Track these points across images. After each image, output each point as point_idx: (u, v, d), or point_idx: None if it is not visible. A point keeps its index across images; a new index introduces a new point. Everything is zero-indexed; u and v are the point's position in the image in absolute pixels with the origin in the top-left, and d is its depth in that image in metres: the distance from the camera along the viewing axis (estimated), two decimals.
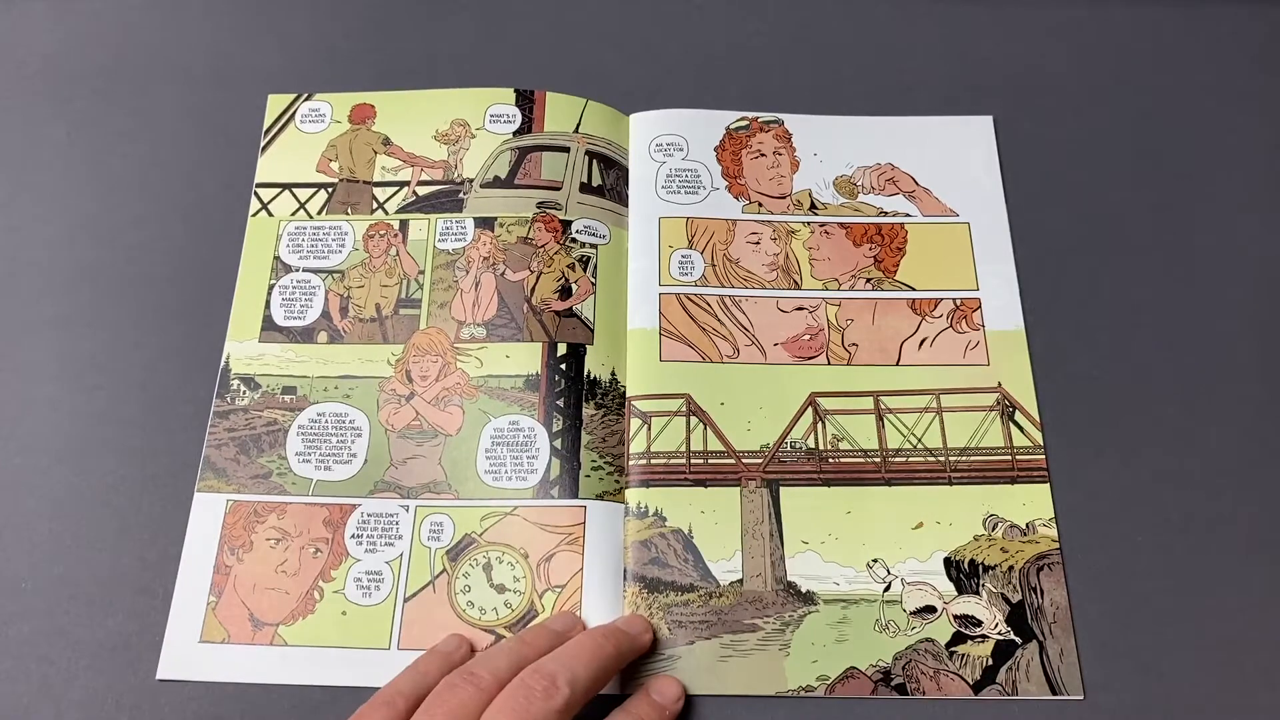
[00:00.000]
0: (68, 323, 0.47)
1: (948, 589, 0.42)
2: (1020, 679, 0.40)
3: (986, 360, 0.46)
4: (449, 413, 0.45)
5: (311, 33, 0.55)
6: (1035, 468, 0.44)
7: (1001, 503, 0.43)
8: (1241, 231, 0.49)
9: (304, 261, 0.49)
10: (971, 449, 0.45)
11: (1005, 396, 0.45)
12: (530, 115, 0.52)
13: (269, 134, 0.52)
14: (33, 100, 0.53)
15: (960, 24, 0.55)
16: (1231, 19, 0.55)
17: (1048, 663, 0.40)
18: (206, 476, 0.44)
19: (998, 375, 0.46)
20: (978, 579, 0.42)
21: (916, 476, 0.44)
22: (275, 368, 0.46)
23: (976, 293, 0.48)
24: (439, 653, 0.39)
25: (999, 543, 0.43)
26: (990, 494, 0.44)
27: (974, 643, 0.41)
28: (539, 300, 0.47)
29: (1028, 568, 0.42)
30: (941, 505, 0.44)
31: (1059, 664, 0.40)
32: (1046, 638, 0.41)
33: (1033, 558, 0.42)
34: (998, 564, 0.42)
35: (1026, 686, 0.40)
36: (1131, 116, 0.52)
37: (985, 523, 0.43)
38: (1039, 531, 0.43)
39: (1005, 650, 0.41)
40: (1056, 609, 0.41)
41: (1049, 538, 0.43)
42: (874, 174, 0.51)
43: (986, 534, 0.43)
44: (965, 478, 0.44)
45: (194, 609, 0.41)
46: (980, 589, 0.42)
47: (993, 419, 0.45)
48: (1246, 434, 0.45)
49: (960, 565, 0.42)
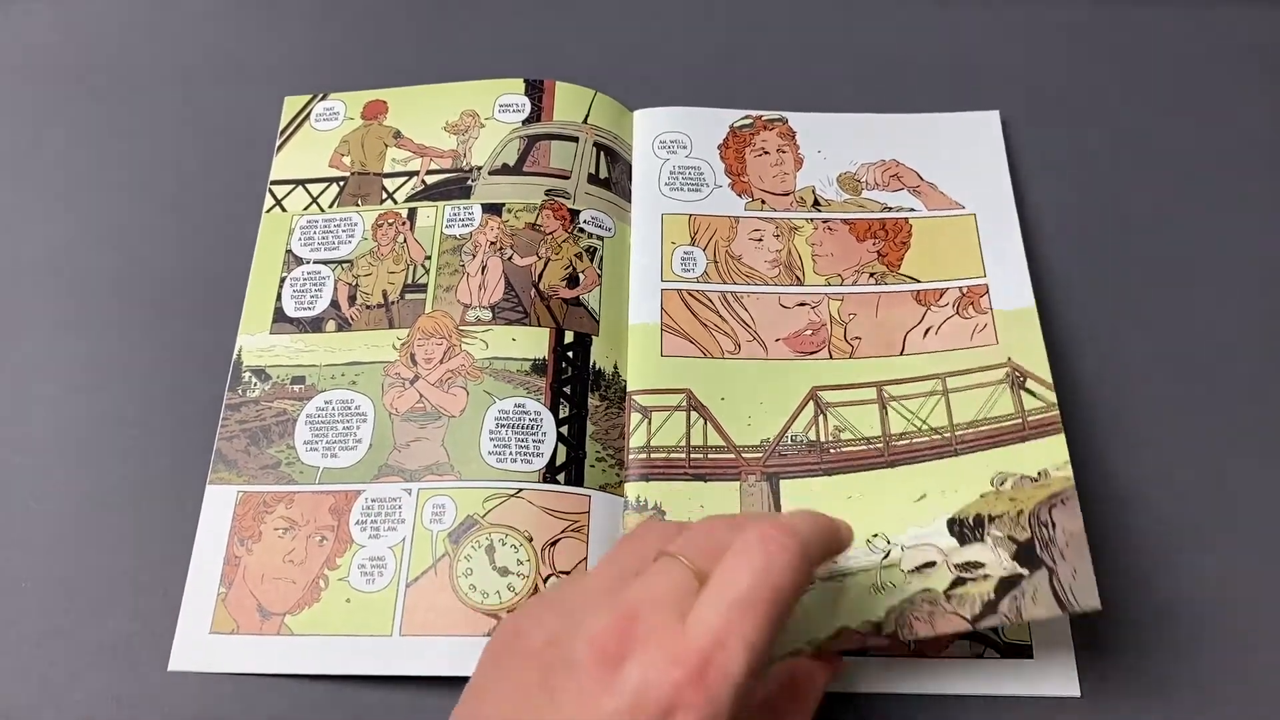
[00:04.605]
0: (78, 322, 0.48)
1: (950, 544, 0.39)
2: (1026, 605, 0.37)
3: (995, 340, 0.45)
4: (452, 394, 0.45)
5: (325, 33, 0.57)
6: (1048, 424, 0.42)
7: (1012, 461, 0.41)
8: (1249, 222, 0.50)
9: (315, 253, 0.49)
10: (979, 420, 0.43)
11: (1016, 369, 0.44)
12: (539, 105, 0.52)
13: (284, 134, 0.53)
14: (49, 98, 0.55)
15: (965, 21, 0.56)
16: (1239, 10, 0.56)
17: (1058, 584, 0.37)
18: (218, 469, 0.44)
19: (1007, 352, 0.45)
20: (982, 529, 0.39)
21: (921, 454, 0.43)
22: (285, 358, 0.47)
23: (983, 279, 0.48)
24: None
25: (1007, 494, 0.40)
26: (1000, 456, 0.42)
27: (975, 583, 0.38)
28: (547, 286, 0.48)
29: (1039, 508, 0.39)
30: (947, 475, 0.42)
31: (1071, 583, 0.37)
32: (1058, 562, 0.38)
33: (1045, 498, 0.39)
34: (1005, 512, 0.39)
35: (1033, 610, 0.37)
36: (1141, 108, 0.53)
37: (994, 480, 0.41)
38: (1052, 476, 0.40)
39: (1010, 584, 0.38)
40: (1070, 535, 0.38)
41: (1062, 478, 0.40)
42: (878, 170, 0.51)
43: (994, 490, 0.41)
44: (972, 447, 0.42)
45: (205, 600, 0.41)
46: (985, 537, 0.39)
47: (1001, 390, 0.44)
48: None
49: (964, 522, 0.40)
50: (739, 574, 0.30)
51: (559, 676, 0.29)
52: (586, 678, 0.29)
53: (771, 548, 0.31)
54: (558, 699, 0.29)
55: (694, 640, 0.29)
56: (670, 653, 0.29)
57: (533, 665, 0.30)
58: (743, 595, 0.30)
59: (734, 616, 0.29)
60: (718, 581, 0.30)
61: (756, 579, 0.30)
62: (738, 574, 0.30)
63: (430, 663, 0.40)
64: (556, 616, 0.32)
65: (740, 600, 0.29)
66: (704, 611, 0.29)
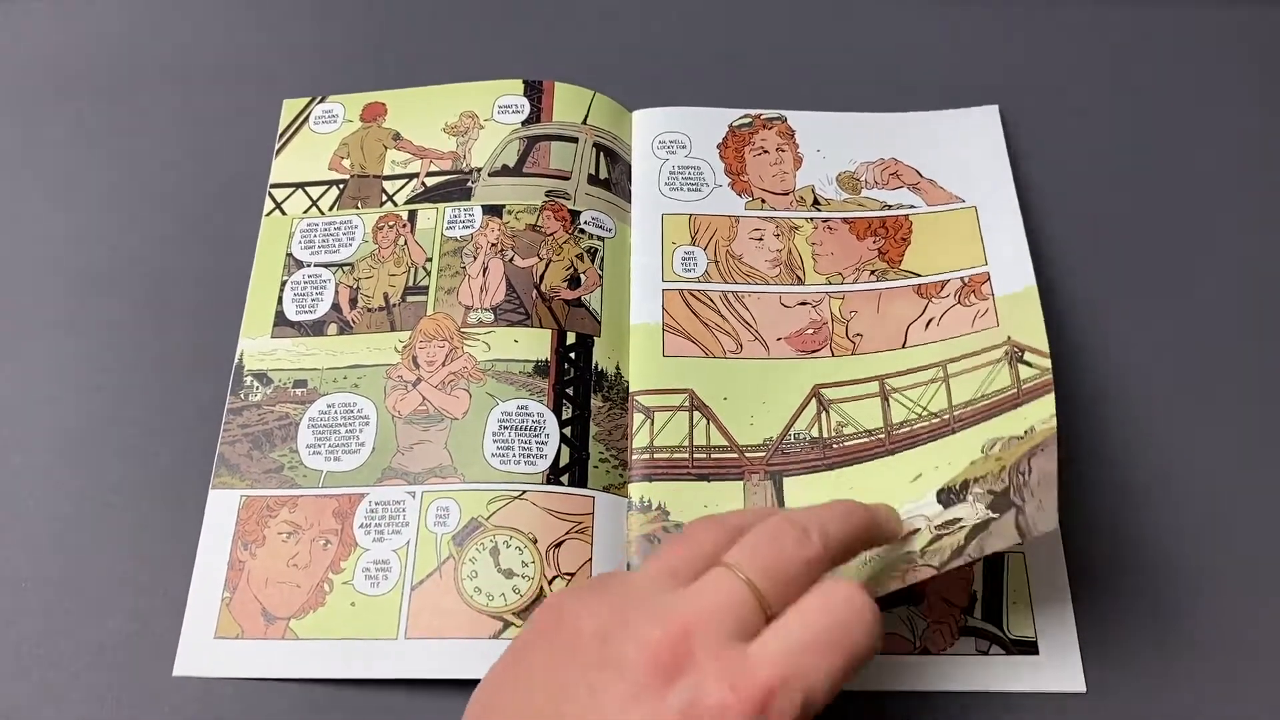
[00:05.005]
0: (78, 325, 0.48)
1: (936, 510, 0.39)
2: (989, 542, 0.36)
3: (996, 323, 0.45)
4: (455, 396, 0.45)
5: (323, 35, 0.57)
6: (1041, 387, 0.41)
7: (1003, 428, 0.41)
8: (1247, 216, 0.50)
9: (315, 256, 0.49)
10: (977, 399, 0.43)
11: (1014, 345, 0.44)
12: (539, 106, 0.52)
13: (283, 137, 0.53)
14: (49, 99, 0.55)
15: (963, 20, 0.56)
16: (1238, 6, 0.56)
17: (1021, 519, 0.36)
18: (221, 473, 0.44)
19: (1007, 332, 0.44)
20: (967, 490, 0.39)
21: (920, 438, 0.43)
22: (287, 362, 0.47)
23: (984, 267, 0.48)
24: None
25: (994, 455, 0.40)
26: (992, 426, 0.42)
27: (949, 535, 0.38)
28: (548, 287, 0.48)
29: (1020, 461, 0.38)
30: (942, 453, 0.42)
31: (1034, 515, 0.36)
32: (1026, 500, 0.37)
33: (1027, 450, 0.38)
34: (989, 472, 0.39)
35: (993, 544, 0.36)
36: (1139, 102, 0.53)
37: (984, 448, 0.41)
38: (1037, 430, 0.39)
39: (980, 528, 0.37)
40: (1042, 474, 0.37)
41: (1046, 430, 0.38)
42: (877, 169, 0.51)
43: (984, 455, 0.40)
44: (968, 423, 0.42)
45: (209, 605, 0.41)
46: (968, 496, 0.39)
47: (1000, 367, 0.43)
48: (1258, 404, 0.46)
49: (952, 489, 0.40)
50: (818, 618, 0.30)
51: (605, 675, 0.29)
52: (636, 683, 0.28)
53: (859, 610, 0.30)
54: (600, 698, 0.29)
55: (758, 671, 0.28)
56: (730, 678, 0.28)
57: (578, 654, 0.30)
58: (818, 640, 0.29)
59: (806, 661, 0.29)
60: (796, 622, 0.30)
61: (836, 633, 0.30)
62: (818, 618, 0.30)
63: (436, 666, 0.39)
64: (608, 609, 0.31)
65: (814, 645, 0.29)
66: (773, 645, 0.29)
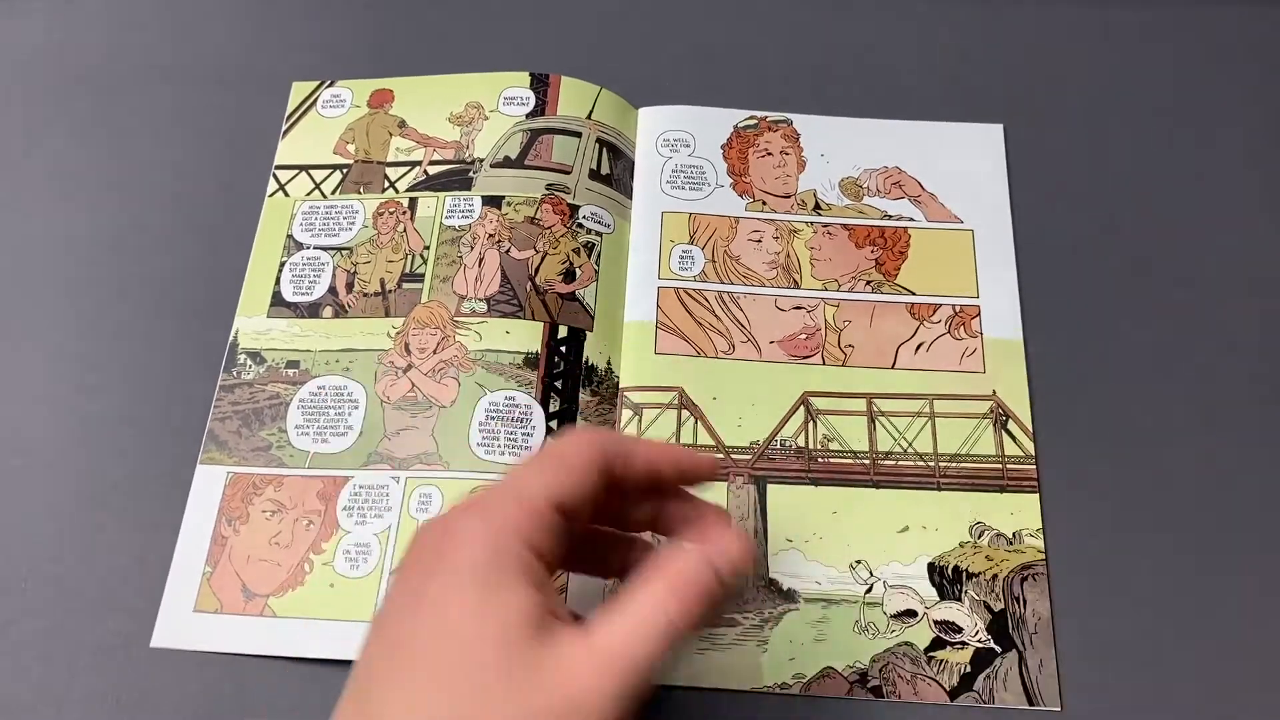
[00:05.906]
0: (77, 301, 0.49)
1: (930, 594, 0.42)
2: (998, 688, 0.40)
3: (983, 368, 0.46)
4: (444, 385, 0.45)
5: (333, 21, 0.57)
6: (1026, 478, 0.44)
7: (989, 511, 0.43)
8: (1246, 245, 0.49)
9: (315, 239, 0.50)
10: (962, 455, 0.44)
11: (999, 405, 0.45)
12: (544, 99, 0.52)
13: (290, 119, 0.53)
14: (53, 88, 0.55)
15: (973, 31, 0.56)
16: (1242, 27, 0.56)
17: (1026, 674, 0.40)
18: (209, 449, 0.44)
19: (993, 383, 0.46)
20: (960, 585, 0.42)
21: (905, 480, 0.44)
22: (281, 342, 0.47)
23: (976, 300, 0.48)
24: None
25: (984, 550, 0.42)
26: (979, 501, 0.43)
27: (953, 649, 0.41)
28: (543, 280, 0.48)
29: (1012, 577, 0.42)
30: (929, 510, 0.43)
31: (1037, 675, 0.40)
32: (1026, 648, 0.41)
33: (1017, 567, 0.42)
34: (982, 571, 0.42)
35: (1004, 695, 0.40)
36: (1141, 128, 0.53)
37: (972, 530, 0.43)
38: (1025, 542, 0.43)
39: (984, 658, 0.40)
40: (1038, 619, 0.41)
41: (1035, 548, 0.42)
42: (880, 177, 0.51)
43: (973, 541, 0.43)
44: (954, 484, 0.44)
45: (190, 579, 0.42)
46: (962, 595, 0.42)
47: (985, 426, 0.45)
48: (1242, 452, 0.45)
49: (944, 571, 0.42)
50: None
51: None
52: None
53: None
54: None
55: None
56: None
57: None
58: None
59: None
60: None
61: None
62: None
63: None
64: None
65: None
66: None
